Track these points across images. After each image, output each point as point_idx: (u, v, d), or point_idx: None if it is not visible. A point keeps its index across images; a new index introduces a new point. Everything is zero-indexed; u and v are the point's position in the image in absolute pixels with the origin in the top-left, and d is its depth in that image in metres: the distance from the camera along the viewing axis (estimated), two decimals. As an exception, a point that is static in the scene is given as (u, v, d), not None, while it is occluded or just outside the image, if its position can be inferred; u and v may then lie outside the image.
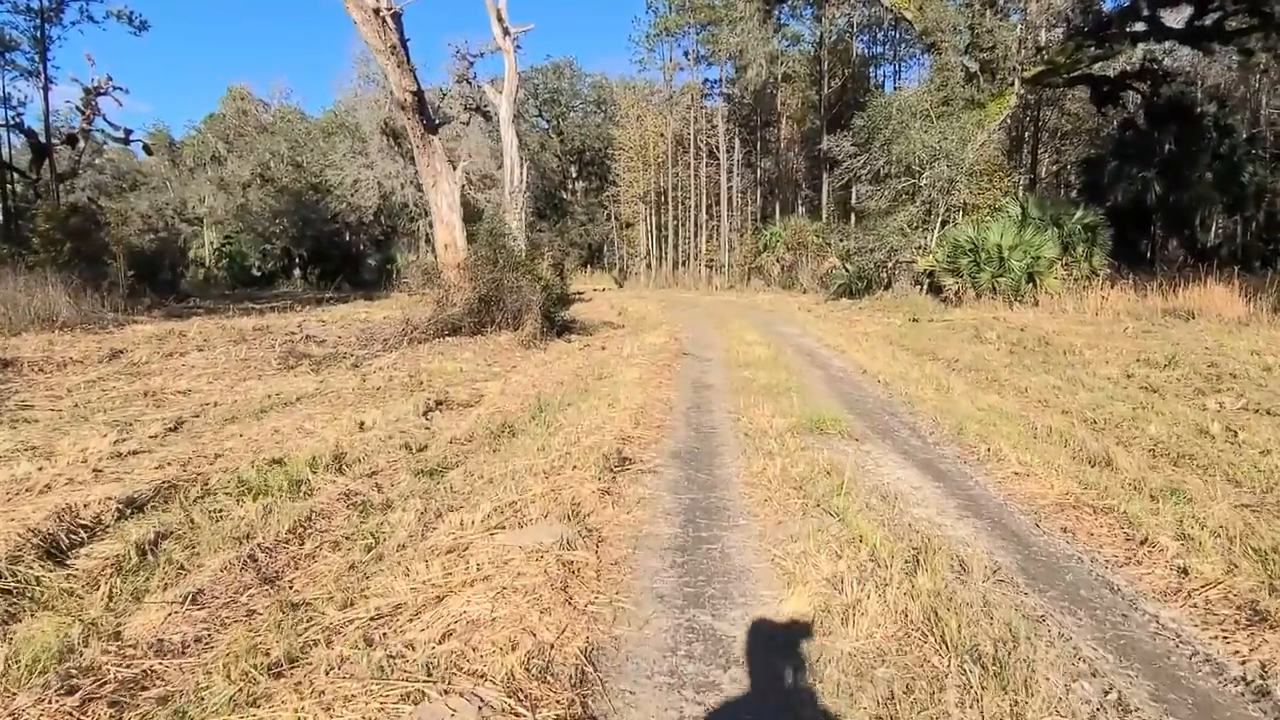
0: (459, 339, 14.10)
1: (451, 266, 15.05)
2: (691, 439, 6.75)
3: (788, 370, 10.38)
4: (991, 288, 20.93)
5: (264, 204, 45.04)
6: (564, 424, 7.14)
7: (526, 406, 8.39)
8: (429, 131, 14.79)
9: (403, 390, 10.08)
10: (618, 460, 5.79)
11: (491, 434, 7.06)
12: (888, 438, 6.91)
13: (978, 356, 12.09)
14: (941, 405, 8.24)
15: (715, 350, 12.99)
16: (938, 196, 22.55)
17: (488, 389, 10.25)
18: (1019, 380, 9.94)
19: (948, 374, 10.50)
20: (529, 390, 9.55)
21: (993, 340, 14.13)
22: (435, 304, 14.41)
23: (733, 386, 9.23)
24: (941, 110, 23.32)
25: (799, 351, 12.97)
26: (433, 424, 8.13)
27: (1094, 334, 14.48)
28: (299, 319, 17.51)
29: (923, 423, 7.52)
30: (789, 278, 33.01)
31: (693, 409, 8.08)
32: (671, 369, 10.59)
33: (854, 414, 7.86)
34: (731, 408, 7.97)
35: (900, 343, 14.47)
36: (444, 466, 6.08)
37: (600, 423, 7.00)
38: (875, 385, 9.74)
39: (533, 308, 14.61)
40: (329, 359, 12.51)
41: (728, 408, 8.01)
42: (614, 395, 8.42)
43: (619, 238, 48.42)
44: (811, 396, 8.61)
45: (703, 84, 44.43)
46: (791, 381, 9.38)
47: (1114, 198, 25.41)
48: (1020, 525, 4.67)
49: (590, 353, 13.17)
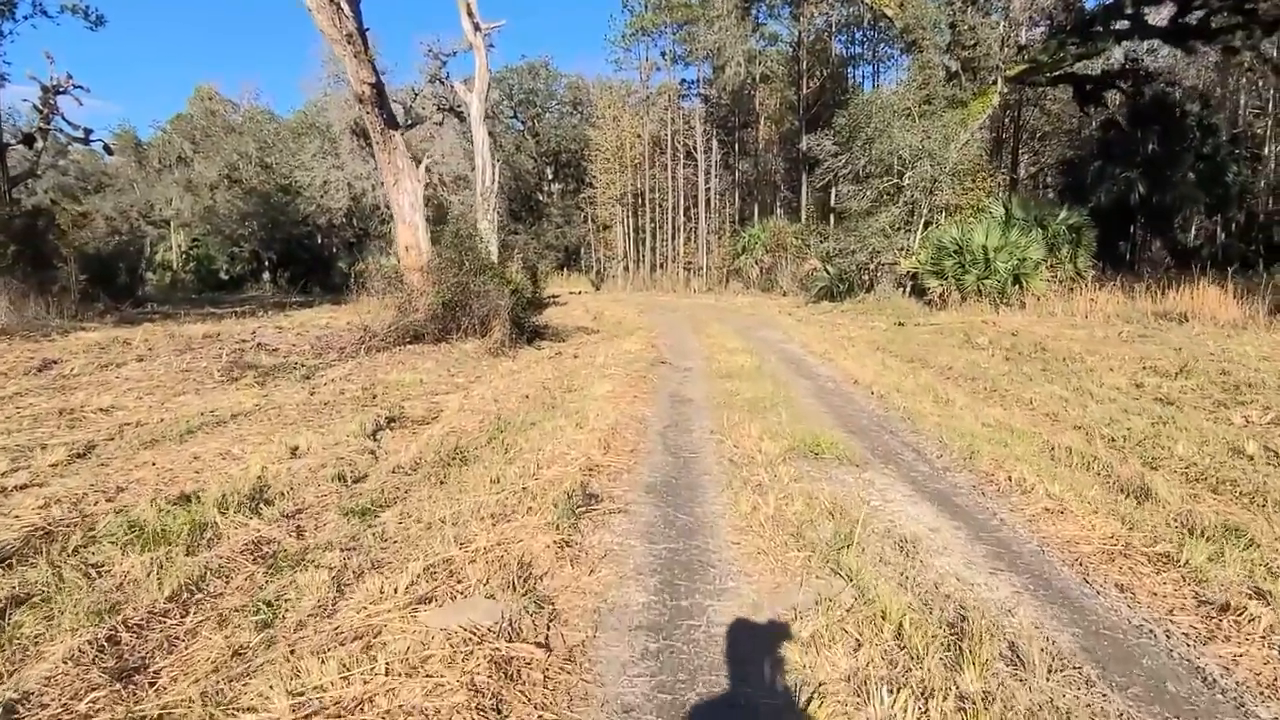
0: (421, 347, 13.14)
1: (414, 270, 14.08)
2: (669, 467, 5.86)
3: (773, 381, 9.53)
4: (977, 290, 20.27)
5: (231, 206, 43.65)
6: (524, 449, 6.23)
7: (485, 426, 7.48)
8: (390, 127, 13.81)
9: (353, 405, 9.12)
10: (582, 498, 4.89)
11: (441, 461, 6.13)
12: (891, 462, 6.06)
13: (972, 364, 11.33)
14: (944, 421, 7.43)
15: (695, 358, 12.13)
16: (920, 197, 21.86)
17: (447, 403, 9.32)
18: (1022, 391, 9.17)
19: (944, 384, 9.71)
20: (490, 406, 8.63)
21: (985, 346, 13.39)
22: (396, 310, 13.43)
23: (714, 401, 8.36)
24: (924, 109, 22.66)
25: (784, 359, 12.14)
26: (381, 445, 7.20)
27: (1089, 339, 13.80)
28: (256, 325, 16.45)
29: (927, 443, 6.69)
30: (768, 280, 32.26)
31: (671, 428, 7.20)
32: (647, 380, 9.71)
33: (850, 433, 7.02)
34: (714, 426, 7.10)
35: (888, 349, 13.69)
36: (380, 504, 5.16)
37: (565, 448, 6.10)
38: (868, 398, 8.91)
39: (500, 313, 13.68)
40: (278, 369, 11.51)
41: (710, 427, 7.13)
42: (583, 412, 7.52)
43: (596, 240, 47.48)
44: (801, 412, 7.77)
45: (680, 84, 43.69)
46: (778, 394, 8.54)
47: (1096, 198, 24.90)
48: (1066, 582, 3.83)
49: (561, 361, 12.26)
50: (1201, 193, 23.94)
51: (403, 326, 13.06)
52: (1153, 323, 15.72)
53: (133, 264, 27.72)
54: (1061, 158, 32.24)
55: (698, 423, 7.37)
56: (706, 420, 7.42)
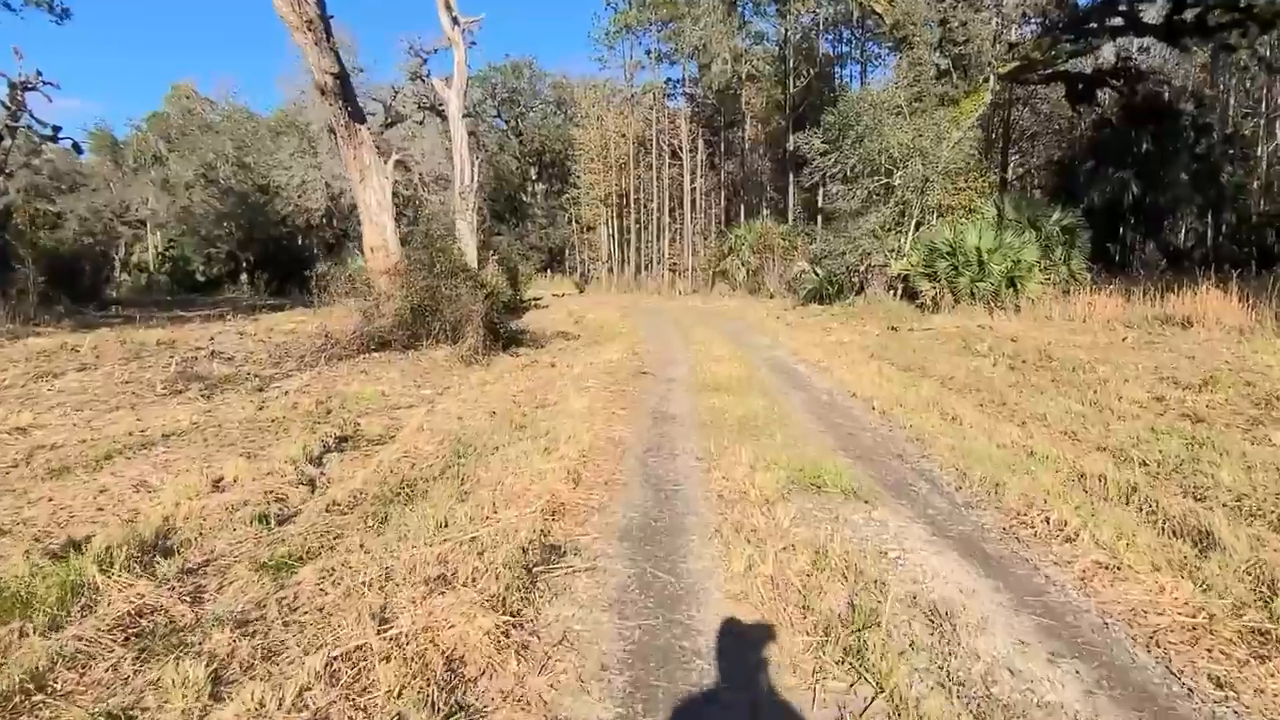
0: (388, 355, 12.23)
1: (382, 272, 13.17)
2: (649, 505, 5.01)
3: (765, 394, 8.70)
4: (970, 293, 19.54)
5: (207, 206, 42.46)
6: (482, 482, 5.37)
7: (444, 450, 6.61)
8: (355, 120, 12.90)
9: (303, 422, 8.21)
10: (541, 551, 4.03)
11: (385, 496, 5.25)
12: (904, 496, 5.24)
13: (975, 374, 10.55)
14: (956, 442, 6.62)
15: (679, 367, 11.29)
16: (912, 197, 21.12)
17: (408, 419, 8.43)
18: (1033, 405, 8.38)
19: (948, 397, 8.91)
20: (453, 424, 7.75)
21: (985, 353, 12.62)
22: (362, 315, 12.52)
23: (701, 418, 7.51)
24: (915, 107, 21.94)
25: (775, 368, 11.31)
26: (325, 472, 6.32)
27: (1093, 345, 13.07)
28: (218, 330, 15.47)
29: (942, 471, 5.87)
30: (755, 282, 31.46)
31: (652, 453, 6.34)
32: (628, 394, 8.85)
33: (853, 458, 6.19)
34: (700, 452, 6.25)
35: (883, 356, 12.90)
36: (301, 555, 4.28)
37: (529, 481, 5.24)
38: (869, 413, 8.09)
39: (473, 319, 12.78)
40: (229, 381, 10.57)
41: (696, 452, 6.29)
42: (554, 434, 6.66)
43: (580, 241, 46.55)
44: (797, 432, 6.93)
45: (665, 84, 42.83)
46: (771, 411, 7.70)
47: (1089, 199, 24.27)
48: (1147, 674, 3.01)
49: (537, 371, 11.39)
50: (1196, 193, 23.34)
51: (368, 333, 12.15)
52: (1156, 328, 15.02)
53: (98, 265, 26.62)
54: (1051, 158, 31.66)
55: (682, 446, 6.52)
56: (692, 443, 6.57)
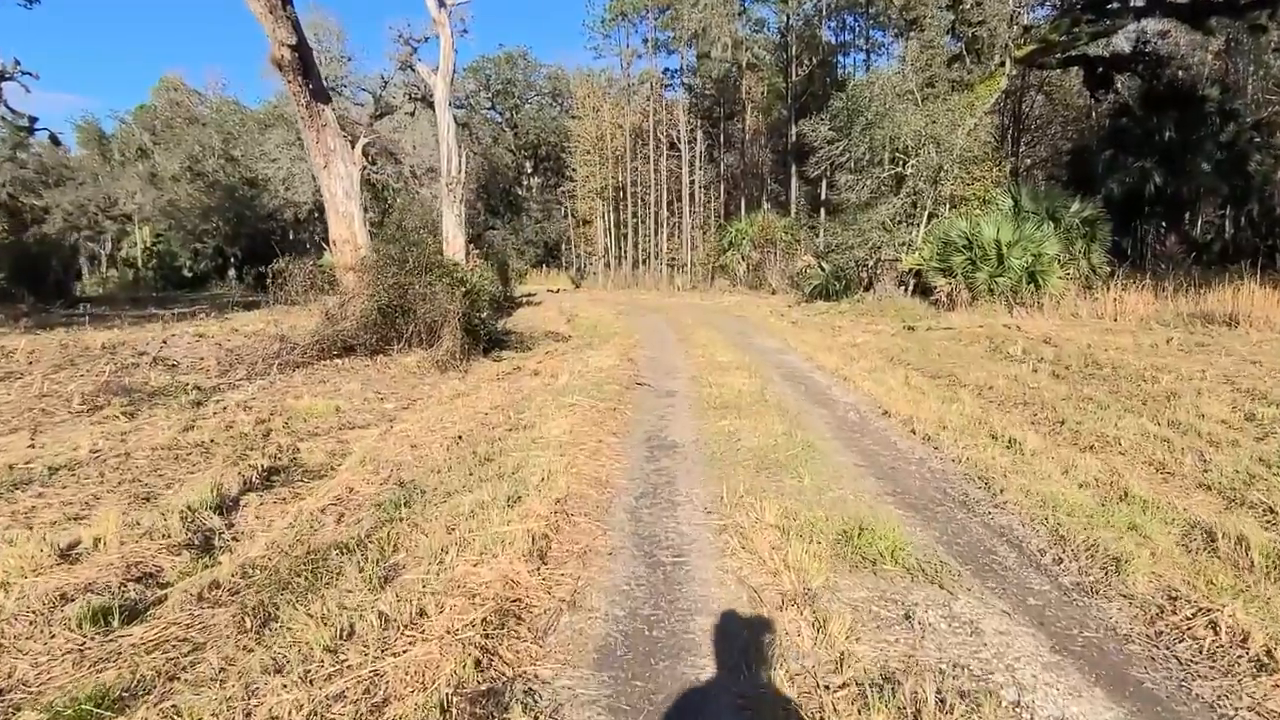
0: (352, 361, 10.77)
1: (350, 268, 11.71)
2: (641, 597, 3.56)
3: (781, 413, 7.25)
4: (988, 289, 18.09)
5: (194, 199, 40.82)
6: (418, 554, 3.93)
7: (386, 492, 5.18)
8: (317, 99, 11.41)
9: (232, 448, 6.77)
10: (473, 702, 2.60)
11: (283, 578, 3.81)
12: (989, 574, 3.81)
13: (1016, 383, 9.12)
14: (1028, 482, 5.19)
15: (680, 377, 9.83)
16: (925, 187, 19.64)
17: (359, 444, 7.00)
18: (1097, 424, 6.95)
19: (994, 413, 7.49)
20: (407, 453, 6.31)
21: (1020, 357, 11.19)
22: (324, 316, 11.06)
23: (708, 448, 6.07)
24: (926, 93, 20.46)
25: (788, 377, 9.85)
26: (236, 522, 4.91)
27: (1136, 347, 11.65)
28: (174, 332, 13.98)
29: (1026, 529, 4.43)
30: (756, 277, 29.97)
31: (647, 501, 4.90)
32: (619, 413, 7.39)
33: (907, 509, 4.76)
34: (709, 501, 4.81)
35: (904, 359, 11.47)
36: (121, 696, 2.85)
37: (479, 555, 3.80)
38: (909, 438, 6.65)
39: (450, 319, 11.33)
40: (163, 393, 9.11)
41: (703, 500, 4.84)
42: (524, 473, 5.21)
43: (575, 236, 45.00)
44: (830, 470, 5.49)
45: (663, 73, 41.24)
46: (793, 437, 6.26)
47: (1108, 189, 22.78)
48: None
49: (518, 380, 9.94)
50: (1222, 183, 21.87)
51: (329, 337, 10.69)
52: (1198, 328, 13.60)
53: (67, 261, 25.06)
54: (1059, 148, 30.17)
55: (686, 490, 5.08)
56: (698, 486, 5.13)
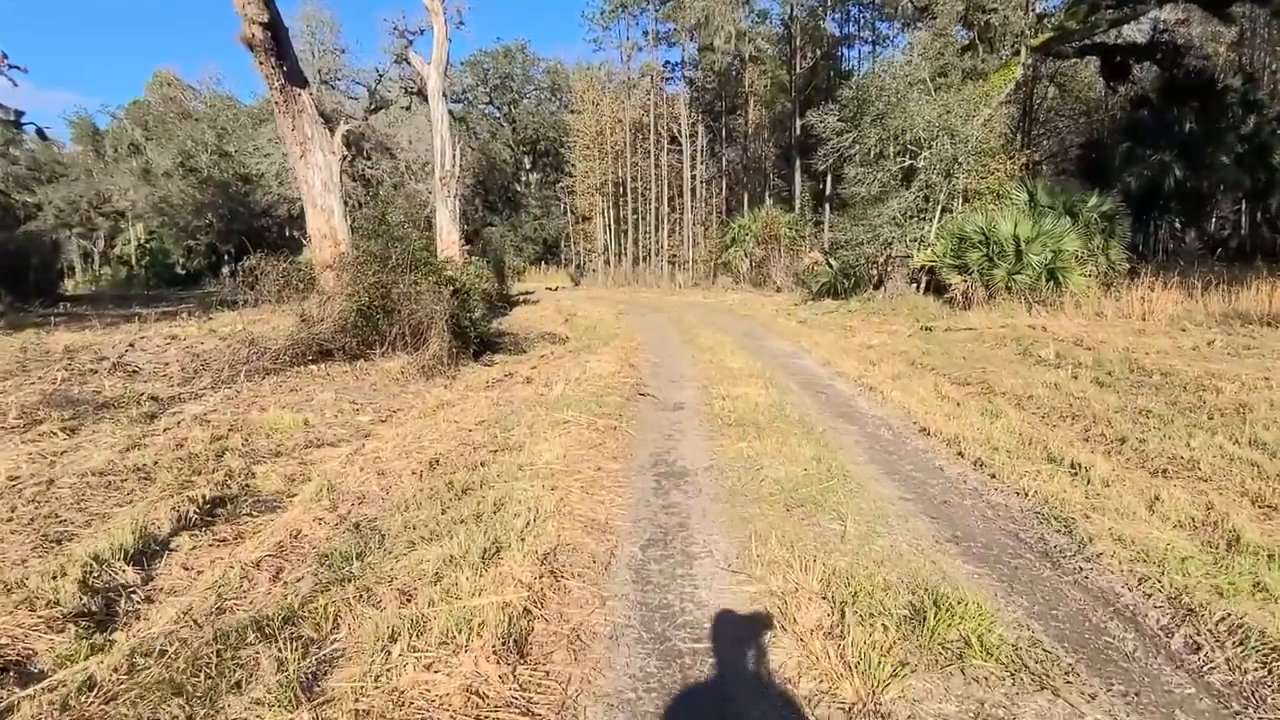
0: (329, 367, 9.82)
1: (326, 265, 10.77)
2: (652, 702, 2.62)
3: (806, 432, 6.30)
4: (1006, 287, 17.15)
5: (186, 196, 39.85)
6: (359, 643, 2.98)
7: (338, 539, 4.24)
8: (292, 82, 10.44)
9: (176, 473, 5.83)
10: None
11: (180, 674, 2.87)
12: (1115, 674, 2.86)
13: (1058, 392, 8.18)
14: (1112, 523, 4.25)
15: (687, 385, 8.87)
16: (939, 180, 18.68)
17: (323, 467, 6.06)
18: (1166, 443, 6.02)
19: (1044, 430, 6.55)
20: (372, 484, 5.37)
21: (1054, 361, 10.25)
22: (299, 318, 10.11)
23: (726, 480, 5.12)
24: (939, 82, 19.51)
25: (808, 386, 8.90)
26: (157, 574, 3.99)
27: (1176, 350, 10.72)
28: (144, 334, 13.03)
29: (1134, 594, 3.49)
30: (760, 275, 29.01)
31: (654, 553, 3.95)
32: (620, 432, 6.44)
33: (979, 564, 3.81)
34: (733, 554, 3.87)
35: (928, 364, 10.53)
36: None
37: (438, 644, 2.86)
38: (958, 463, 5.71)
39: (437, 321, 10.38)
40: (115, 404, 8.17)
41: (725, 554, 3.89)
42: (507, 513, 4.28)
43: (575, 232, 43.97)
44: (874, 508, 4.55)
45: (663, 66, 40.19)
46: (824, 464, 5.31)
47: (1125, 183, 21.82)
48: None
49: (510, 388, 8.99)
50: (1245, 176, 20.90)
51: (304, 340, 9.74)
52: (1237, 328, 12.66)
53: (48, 258, 24.08)
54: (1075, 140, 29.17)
55: (702, 538, 4.13)
56: (718, 532, 4.18)
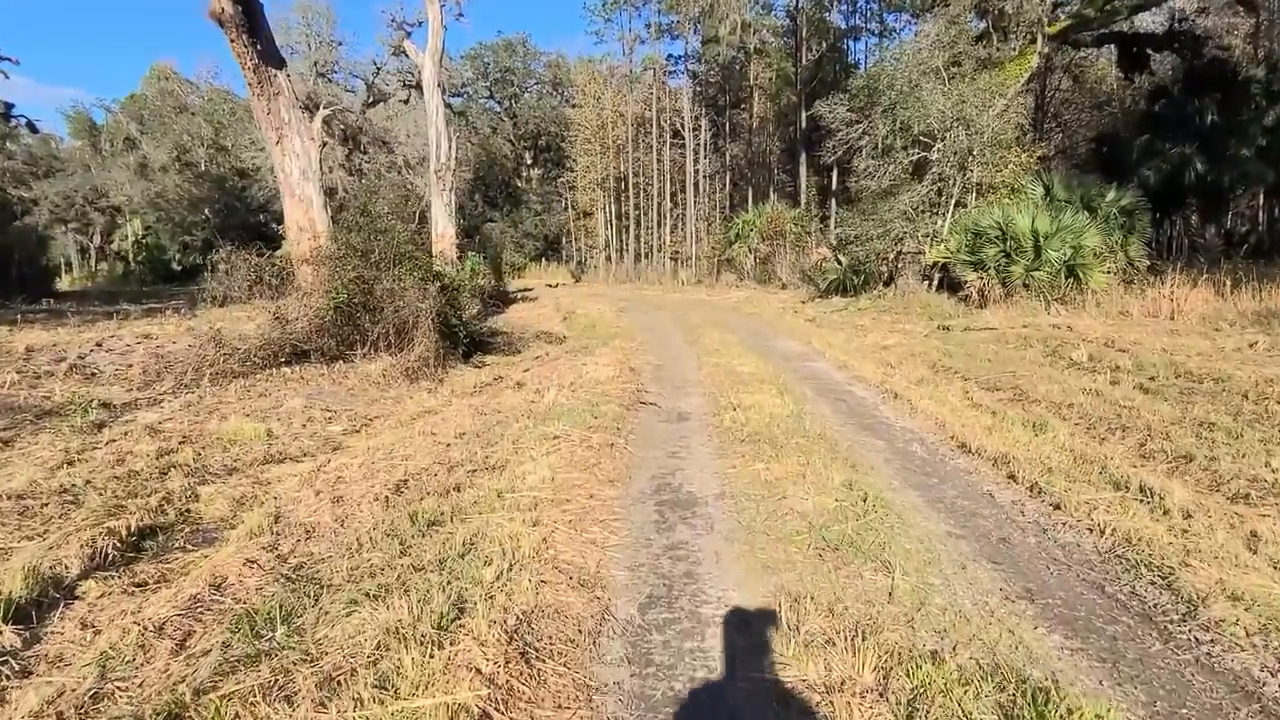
0: (305, 369, 9.01)
1: (304, 259, 9.96)
2: None
3: (830, 449, 5.48)
4: (1023, 284, 16.31)
5: (182, 190, 39.04)
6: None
7: (265, 595, 3.44)
8: (267, 63, 9.61)
9: (109, 495, 5.03)
10: None
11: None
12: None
13: (1101, 400, 7.35)
14: (1216, 571, 3.45)
15: (693, 393, 8.05)
16: (952, 173, 17.83)
17: (278, 489, 5.26)
18: (1240, 462, 5.22)
19: (1095, 446, 5.74)
20: (325, 512, 4.56)
21: (1088, 365, 9.42)
22: (272, 317, 9.30)
23: (742, 512, 4.29)
24: (952, 72, 18.65)
25: (825, 393, 8.07)
26: (37, 640, 3.21)
27: (1217, 352, 9.89)
28: (114, 332, 12.23)
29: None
30: (764, 271, 28.16)
31: (656, 618, 3.14)
32: (617, 450, 5.62)
33: (1067, 631, 2.99)
34: (758, 620, 3.05)
35: (950, 367, 9.71)
36: None
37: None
38: (1010, 488, 4.88)
39: (423, 320, 9.58)
40: (61, 411, 7.36)
41: (749, 620, 3.09)
42: (475, 564, 3.47)
43: (576, 228, 43.14)
44: (921, 549, 3.73)
45: (666, 59, 39.29)
46: (859, 495, 4.49)
47: (1143, 177, 20.94)
48: None
49: (498, 394, 8.18)
50: (1269, 170, 20.02)
51: (277, 341, 8.94)
52: (1277, 329, 11.82)
53: (33, 254, 23.28)
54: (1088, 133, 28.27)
55: (716, 594, 3.31)
56: (735, 588, 3.36)
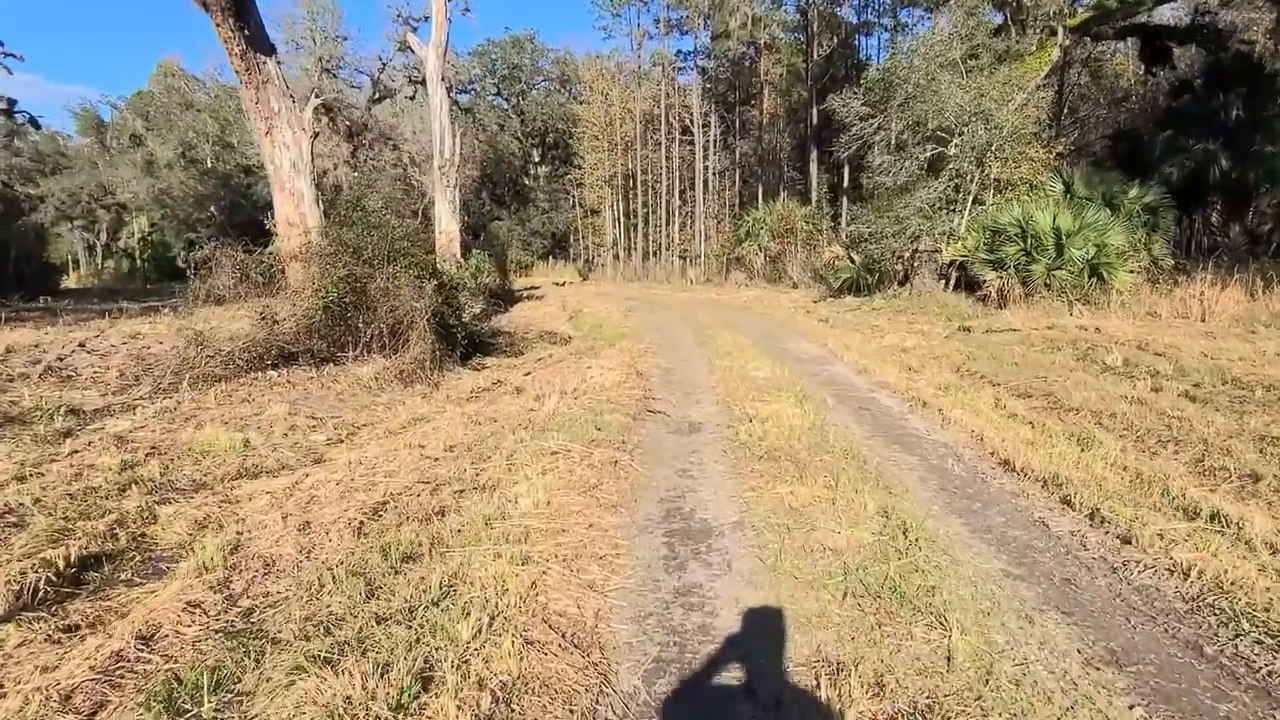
0: (292, 373, 8.48)
1: (293, 256, 9.44)
2: None
3: (860, 469, 4.91)
4: (1044, 284, 15.68)
5: (187, 188, 38.66)
6: None
7: (201, 650, 2.89)
8: (255, 49, 9.08)
9: (59, 515, 4.51)
10: None
11: None
12: None
13: (1145, 409, 6.75)
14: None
15: (705, 400, 7.47)
16: (971, 169, 17.20)
17: (246, 509, 4.72)
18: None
19: (1149, 463, 5.15)
20: (289, 543, 4.02)
21: (1121, 367, 8.82)
22: (258, 317, 8.78)
23: (764, 550, 3.72)
24: (969, 65, 18.00)
25: (847, 400, 7.48)
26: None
27: (1259, 355, 9.24)
28: (99, 332, 11.74)
29: None
30: (775, 270, 27.55)
31: (661, 683, 2.58)
32: (622, 469, 5.05)
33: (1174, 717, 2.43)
34: (792, 694, 2.50)
35: (976, 371, 9.12)
36: None
37: None
38: (1065, 514, 4.30)
39: (418, 320, 9.04)
40: (26, 418, 6.85)
41: (780, 692, 2.53)
42: (451, 613, 2.92)
43: (583, 226, 42.56)
44: (978, 595, 3.16)
45: (675, 55, 38.67)
46: (893, 520, 3.92)
47: (1166, 174, 20.24)
48: None
49: (496, 401, 7.63)
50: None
51: (263, 342, 8.41)
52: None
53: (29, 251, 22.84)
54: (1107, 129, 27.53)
55: (730, 672, 2.75)
56: (760, 651, 2.81)
